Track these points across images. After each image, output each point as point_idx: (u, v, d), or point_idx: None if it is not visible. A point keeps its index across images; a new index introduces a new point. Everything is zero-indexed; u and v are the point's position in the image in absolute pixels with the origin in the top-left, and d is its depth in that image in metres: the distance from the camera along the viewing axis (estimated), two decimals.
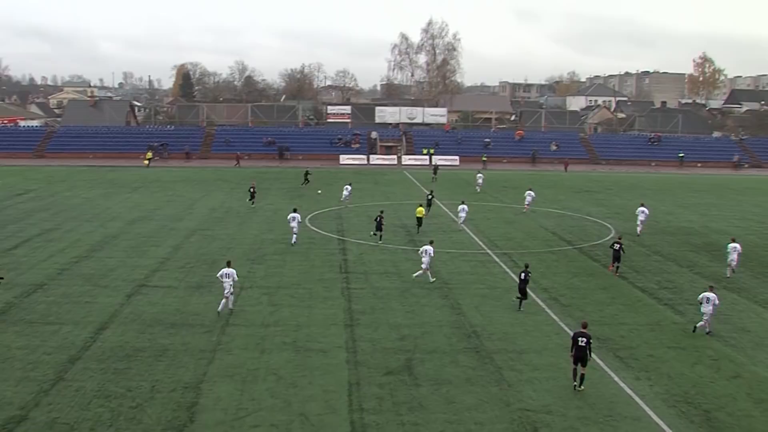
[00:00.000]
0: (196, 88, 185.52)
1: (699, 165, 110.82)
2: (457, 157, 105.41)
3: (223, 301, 29.66)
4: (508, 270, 38.33)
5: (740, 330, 29.36)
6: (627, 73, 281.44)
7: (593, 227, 52.76)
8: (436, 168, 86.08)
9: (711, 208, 64.36)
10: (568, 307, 31.86)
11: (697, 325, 28.73)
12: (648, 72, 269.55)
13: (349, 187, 60.64)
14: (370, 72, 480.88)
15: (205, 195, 65.59)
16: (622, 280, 37.01)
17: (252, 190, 59.66)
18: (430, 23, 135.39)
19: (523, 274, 31.53)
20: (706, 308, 28.38)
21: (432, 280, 35.26)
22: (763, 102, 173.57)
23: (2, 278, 32.03)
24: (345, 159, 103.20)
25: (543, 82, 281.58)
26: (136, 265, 37.64)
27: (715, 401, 22.19)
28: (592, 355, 23.61)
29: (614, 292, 34.46)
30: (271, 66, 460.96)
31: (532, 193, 60.19)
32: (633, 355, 25.98)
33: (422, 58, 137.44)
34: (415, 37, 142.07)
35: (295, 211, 44.95)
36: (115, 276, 35.13)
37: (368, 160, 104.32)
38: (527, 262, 34.72)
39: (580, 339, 23.01)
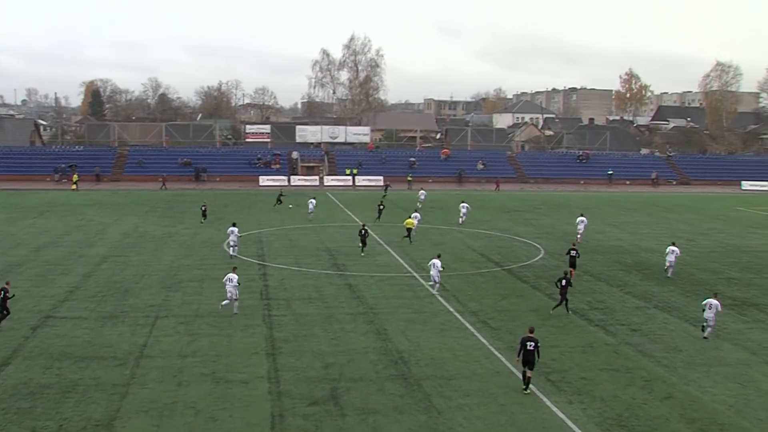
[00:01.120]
0: (107, 106, 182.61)
1: (628, 182, 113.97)
2: (381, 177, 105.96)
3: (225, 302, 33.58)
4: (435, 293, 38.62)
5: (672, 349, 30.16)
6: (554, 90, 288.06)
7: (522, 248, 53.62)
8: (386, 187, 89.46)
9: (641, 227, 66.10)
10: (497, 330, 32.25)
11: (705, 334, 31.58)
12: (575, 88, 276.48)
13: (314, 201, 66.90)
14: (291, 89, 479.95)
15: (117, 219, 64.43)
16: (553, 301, 37.56)
17: (203, 208, 63.46)
18: (352, 39, 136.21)
19: (563, 281, 34.60)
20: (708, 314, 31.31)
21: (434, 292, 38.29)
22: (689, 119, 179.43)
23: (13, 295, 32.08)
24: (265, 180, 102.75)
25: (469, 99, 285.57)
26: (43, 295, 36.68)
27: (648, 423, 22.71)
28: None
29: (544, 314, 35.03)
30: (186, 83, 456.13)
31: (467, 205, 64.27)
32: (565, 378, 26.41)
33: (344, 75, 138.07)
34: (337, 53, 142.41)
35: (234, 225, 47.99)
36: (20, 307, 34.05)
37: (289, 181, 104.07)
38: (566, 270, 38.24)
39: (528, 343, 24.76)
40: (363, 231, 49.68)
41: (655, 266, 47.52)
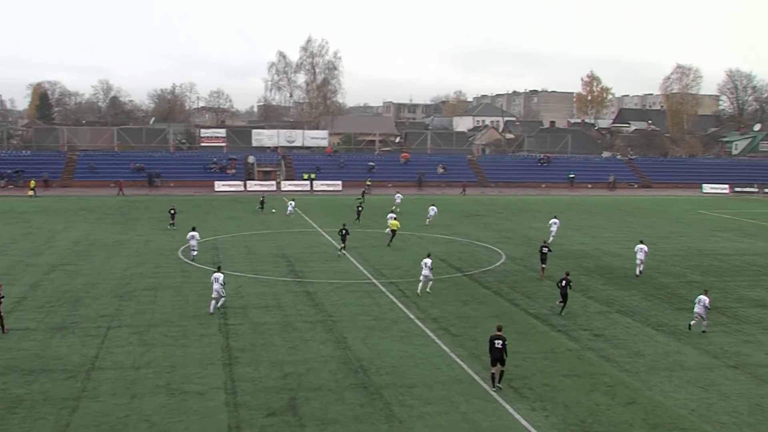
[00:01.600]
0: (56, 109, 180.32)
1: (589, 186, 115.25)
2: (339, 182, 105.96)
3: (212, 302, 34.98)
4: (395, 300, 38.67)
5: (635, 354, 30.51)
6: (515, 92, 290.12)
7: (483, 253, 53.90)
8: (364, 191, 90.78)
9: (602, 230, 66.84)
10: (459, 336, 32.37)
11: (702, 329, 33.92)
12: (536, 91, 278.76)
13: (293, 203, 72.31)
14: (247, 92, 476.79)
15: (67, 227, 63.59)
16: (514, 306, 37.93)
17: (172, 212, 64.43)
18: (309, 41, 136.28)
19: (563, 282, 36.13)
20: (698, 308, 33.77)
21: (428, 291, 39.89)
22: (650, 121, 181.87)
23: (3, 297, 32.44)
24: (220, 186, 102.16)
25: (429, 102, 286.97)
26: None
27: (611, 429, 22.92)
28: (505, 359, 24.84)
29: (506, 320, 35.16)
30: (138, 86, 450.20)
31: (435, 208, 67.83)
32: (527, 384, 26.57)
33: (301, 78, 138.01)
34: (294, 56, 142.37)
35: (194, 229, 49.72)
36: None
37: (245, 186, 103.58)
38: (567, 270, 39.90)
39: (496, 341, 25.82)
40: (344, 230, 51.61)
41: (618, 270, 48.10)
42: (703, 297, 33.91)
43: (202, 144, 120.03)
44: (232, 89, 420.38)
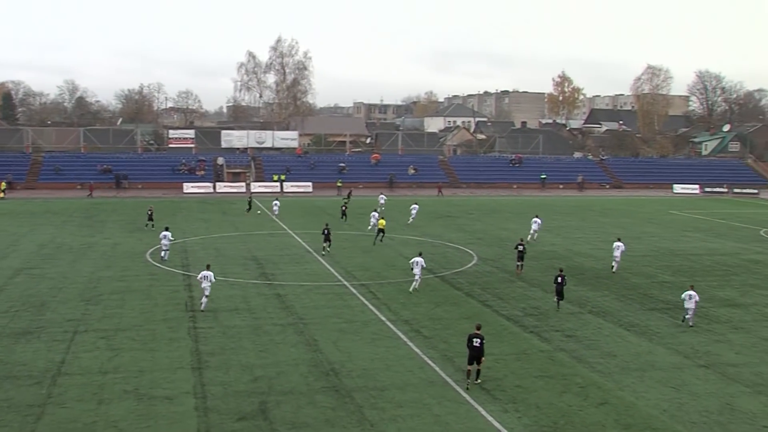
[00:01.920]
0: (20, 109, 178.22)
1: (561, 186, 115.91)
2: (310, 183, 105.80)
3: (204, 299, 36.11)
4: (366, 302, 38.68)
5: (607, 355, 30.75)
6: (486, 93, 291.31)
7: (455, 254, 54.05)
8: (349, 193, 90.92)
9: (574, 231, 67.25)
10: (430, 338, 32.43)
11: (686, 317, 35.40)
12: (507, 91, 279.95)
13: (278, 203, 74.66)
14: (216, 93, 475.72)
15: (31, 230, 62.91)
16: (486, 308, 38.07)
17: (150, 213, 64.33)
18: (279, 41, 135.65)
19: (559, 278, 37.76)
20: (689, 304, 35.15)
21: (417, 288, 41.20)
22: (621, 122, 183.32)
23: None
24: (189, 187, 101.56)
25: (400, 103, 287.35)
26: None
27: (584, 430, 23.08)
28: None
29: (479, 321, 35.30)
30: (105, 86, 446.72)
31: (417, 206, 71.82)
32: (500, 386, 26.67)
33: (271, 78, 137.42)
34: (264, 56, 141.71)
35: (166, 229, 50.16)
36: None
37: (215, 188, 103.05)
38: (561, 267, 40.81)
39: (474, 340, 26.53)
40: (326, 231, 52.84)
41: (589, 271, 48.46)
42: (692, 293, 35.28)
43: (171, 145, 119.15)
44: (201, 90, 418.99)
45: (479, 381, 26.42)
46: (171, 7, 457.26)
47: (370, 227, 62.46)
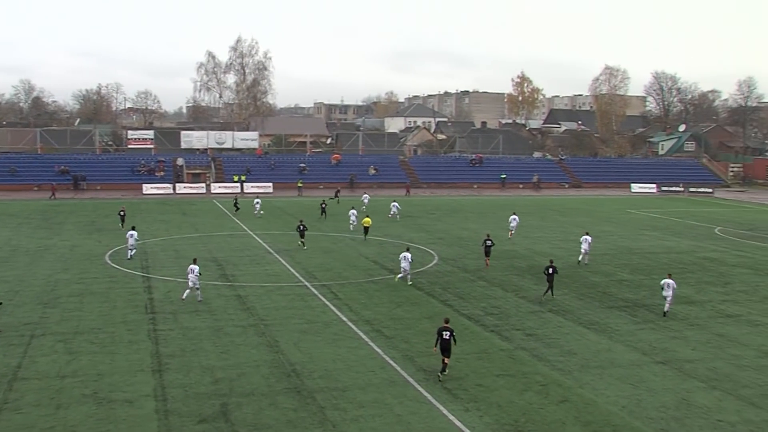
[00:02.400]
0: None
1: (521, 186, 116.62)
2: (270, 184, 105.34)
3: (187, 291, 37.90)
4: (327, 302, 38.63)
5: (567, 353, 31.02)
6: (446, 93, 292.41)
7: (416, 254, 53.97)
8: (337, 192, 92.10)
9: (534, 230, 67.65)
10: (392, 338, 32.48)
11: (665, 309, 37.51)
12: (467, 92, 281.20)
13: (259, 201, 75.68)
14: (175, 93, 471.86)
15: None
16: (447, 307, 38.19)
17: (122, 213, 65.09)
18: (238, 41, 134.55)
19: (550, 269, 40.13)
20: (667, 292, 37.28)
21: (409, 283, 43.13)
22: (580, 122, 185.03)
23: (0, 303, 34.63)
24: (149, 188, 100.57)
25: (360, 103, 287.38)
26: None
27: (545, 428, 23.27)
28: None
29: (439, 321, 35.36)
30: (62, 86, 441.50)
31: (397, 204, 73.69)
32: (461, 385, 26.78)
33: (231, 78, 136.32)
34: (223, 56, 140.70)
35: (133, 228, 51.89)
36: None
37: (174, 189, 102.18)
38: (551, 258, 42.80)
39: (444, 333, 27.37)
40: (301, 227, 55.15)
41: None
42: (670, 281, 37.50)
43: (130, 146, 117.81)
44: (160, 90, 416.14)
45: (446, 373, 27.28)
46: (128, 6, 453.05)
47: (352, 227, 62.69)
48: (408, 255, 43.33)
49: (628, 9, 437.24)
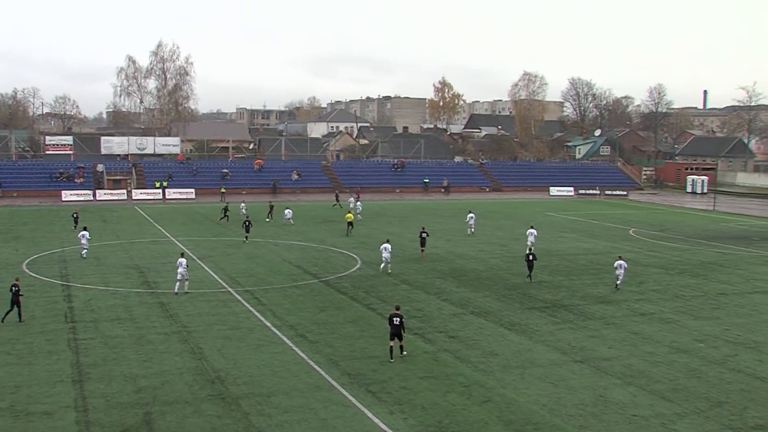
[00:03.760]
0: None
1: (443, 190, 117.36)
2: (192, 190, 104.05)
3: (177, 284, 40.79)
4: (251, 308, 38.34)
5: (489, 354, 31.36)
6: (368, 98, 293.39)
7: (339, 258, 54.12)
8: (337, 195, 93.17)
9: (456, 234, 68.18)
10: (316, 343, 32.39)
11: (617, 282, 44.05)
12: (390, 97, 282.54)
13: (244, 205, 75.48)
14: (95, 98, 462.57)
15: None
16: (371, 311, 38.27)
17: (75, 215, 67.27)
18: (159, 45, 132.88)
19: (530, 256, 46.71)
20: (619, 272, 43.86)
21: (389, 272, 48.02)
22: (500, 126, 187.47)
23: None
24: (68, 195, 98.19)
25: (283, 108, 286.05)
26: None
27: (468, 428, 23.48)
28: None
29: (363, 325, 35.54)
30: None
31: (360, 204, 77.58)
32: (385, 388, 26.84)
33: (152, 83, 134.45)
34: (144, 61, 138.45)
35: (85, 229, 53.92)
36: None
37: (95, 195, 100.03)
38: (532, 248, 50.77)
39: (394, 319, 29.83)
40: (247, 222, 60.47)
41: (471, 273, 49.32)
42: (621, 262, 44.13)
43: (48, 152, 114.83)
44: (79, 95, 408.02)
45: (404, 354, 30.05)
46: (44, 8, 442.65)
47: (288, 222, 68.92)
48: (388, 246, 48.35)
49: (545, 17, 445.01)
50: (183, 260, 41.51)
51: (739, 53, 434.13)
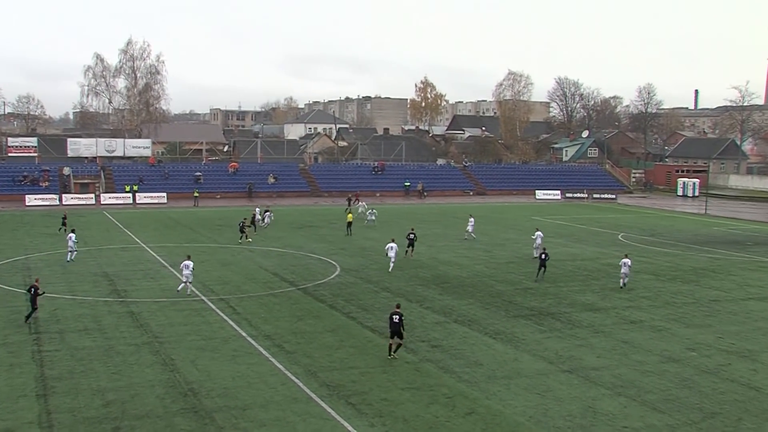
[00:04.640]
0: None
1: (426, 194, 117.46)
2: (164, 194, 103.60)
3: (182, 285, 42.55)
4: (226, 317, 38.16)
5: (473, 364, 31.35)
6: (348, 99, 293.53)
7: (317, 265, 54.00)
8: (349, 200, 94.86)
9: (438, 239, 68.24)
10: (293, 353, 32.27)
11: (621, 285, 46.60)
12: (369, 97, 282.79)
13: (258, 209, 75.50)
14: (60, 98, 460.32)
15: None
16: (351, 320, 38.19)
17: (64, 218, 68.72)
18: (129, 43, 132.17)
19: (543, 255, 49.38)
20: (624, 269, 46.30)
21: (390, 270, 51.04)
22: (484, 128, 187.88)
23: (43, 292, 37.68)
24: (32, 200, 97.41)
25: (258, 109, 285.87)
26: None
27: None
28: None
29: (343, 334, 35.45)
30: None
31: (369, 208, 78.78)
32: (366, 400, 26.78)
33: (122, 83, 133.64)
34: (113, 59, 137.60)
35: (72, 231, 54.23)
36: None
37: (61, 200, 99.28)
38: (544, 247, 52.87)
39: (394, 317, 31.12)
40: (242, 224, 63.63)
41: (454, 279, 49.34)
42: (626, 260, 46.61)
43: (10, 154, 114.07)
44: (44, 94, 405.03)
45: (395, 356, 31.27)
46: (4, 2, 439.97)
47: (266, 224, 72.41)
48: (394, 246, 51.43)
49: (531, 15, 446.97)
50: (189, 263, 42.76)
51: (731, 51, 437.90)
